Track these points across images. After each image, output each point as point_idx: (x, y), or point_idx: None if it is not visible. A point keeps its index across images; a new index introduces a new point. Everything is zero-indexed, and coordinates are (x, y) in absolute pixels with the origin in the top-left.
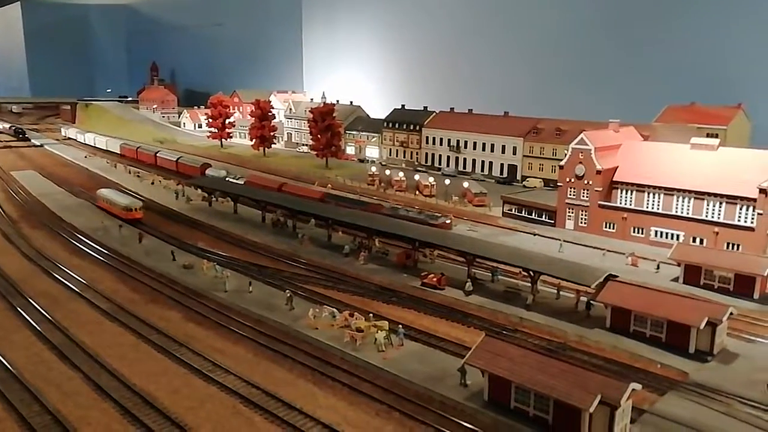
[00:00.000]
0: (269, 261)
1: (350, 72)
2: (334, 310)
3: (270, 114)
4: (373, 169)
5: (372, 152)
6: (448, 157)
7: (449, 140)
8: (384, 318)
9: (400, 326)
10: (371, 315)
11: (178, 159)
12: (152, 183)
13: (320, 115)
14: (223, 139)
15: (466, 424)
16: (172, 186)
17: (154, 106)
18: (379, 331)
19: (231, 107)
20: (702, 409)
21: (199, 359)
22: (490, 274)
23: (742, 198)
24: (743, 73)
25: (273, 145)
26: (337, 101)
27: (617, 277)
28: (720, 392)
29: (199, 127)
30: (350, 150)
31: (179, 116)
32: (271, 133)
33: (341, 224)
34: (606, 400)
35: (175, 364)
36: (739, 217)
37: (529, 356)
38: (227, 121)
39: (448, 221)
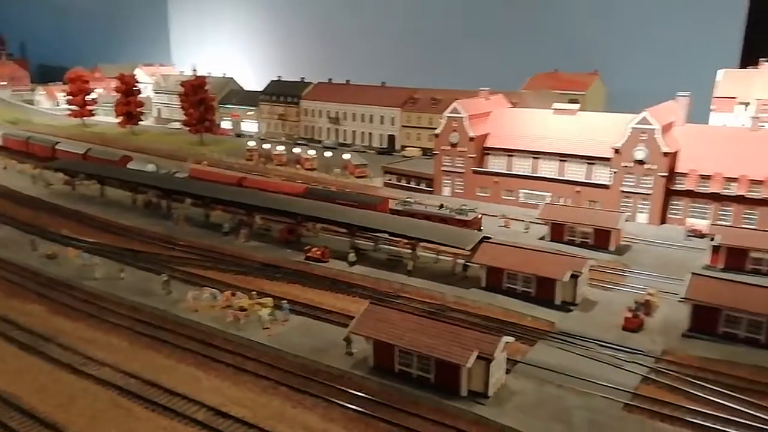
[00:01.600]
0: (143, 245)
1: (222, 43)
2: (216, 291)
3: (135, 89)
4: (251, 143)
5: (250, 126)
6: (328, 129)
7: (328, 112)
8: (268, 295)
9: (285, 302)
10: (254, 293)
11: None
12: (4, 168)
13: (192, 88)
14: (85, 118)
15: (352, 391)
16: (28, 170)
17: (3, 83)
18: (262, 309)
19: (91, 83)
20: (567, 354)
21: (68, 353)
22: (372, 244)
23: (599, 158)
24: (599, 42)
25: (141, 122)
26: (209, 74)
27: (491, 238)
28: (582, 337)
29: (57, 105)
30: (226, 125)
31: (33, 93)
32: (138, 110)
33: (222, 203)
34: (481, 355)
35: (41, 361)
36: (597, 176)
37: (409, 320)
38: (88, 97)
39: (479, 216)
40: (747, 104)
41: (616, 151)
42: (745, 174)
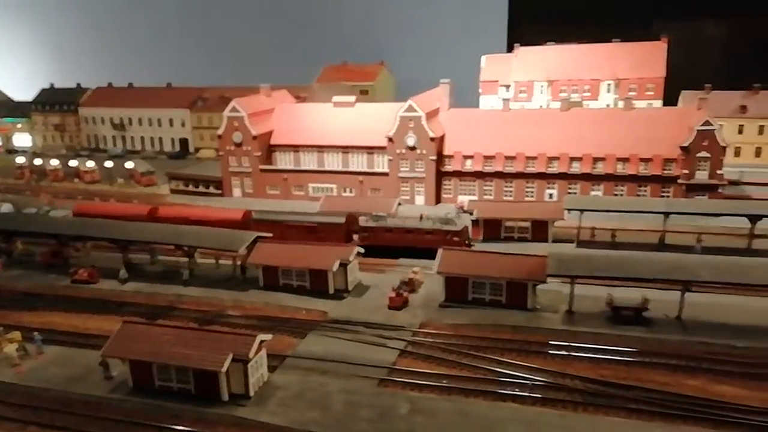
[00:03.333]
0: None
1: None
2: None
3: None
4: (21, 159)
5: (22, 140)
6: (114, 137)
7: (111, 118)
8: (26, 328)
9: (36, 333)
10: (1, 328)
11: None
12: None
13: None
14: None
15: (110, 416)
16: None
17: None
18: (9, 345)
19: None
20: (335, 341)
21: None
22: (149, 257)
23: (377, 147)
24: (385, 32)
25: None
26: None
27: (266, 238)
28: (351, 322)
29: None
30: None
31: None
32: None
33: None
34: (237, 357)
35: None
36: (379, 165)
37: (168, 333)
38: None
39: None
40: (508, 86)
41: (390, 139)
42: (501, 151)
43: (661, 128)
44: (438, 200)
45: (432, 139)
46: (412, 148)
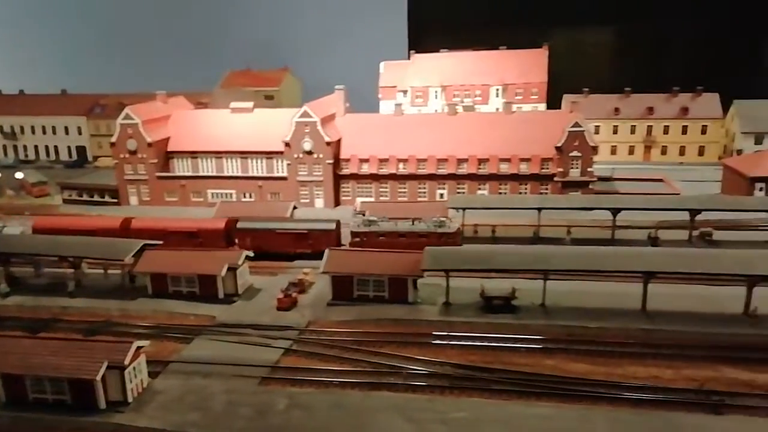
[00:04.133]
0: None
1: None
2: None
3: None
4: None
5: None
6: (5, 146)
7: (1, 126)
8: None
9: None
10: None
11: None
12: None
13: None
14: None
15: None
16: None
17: None
18: None
19: None
20: (222, 344)
21: None
22: (33, 270)
23: (276, 152)
24: (293, 39)
25: None
26: None
27: (154, 246)
28: (239, 325)
29: None
30: None
31: None
32: None
33: None
34: (113, 364)
35: None
36: (277, 169)
37: (41, 345)
38: None
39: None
40: (405, 91)
41: (287, 144)
42: (394, 154)
43: (539, 130)
44: (337, 203)
45: (328, 144)
46: (310, 153)
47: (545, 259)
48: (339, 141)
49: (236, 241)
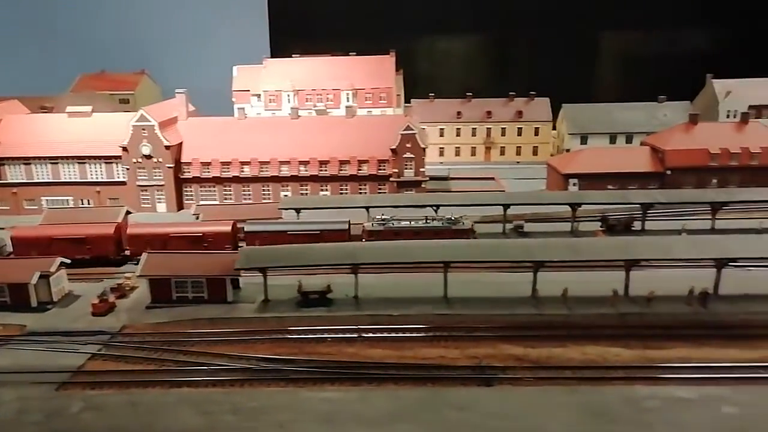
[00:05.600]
0: None
1: None
2: None
3: None
4: None
5: None
6: None
7: None
8: None
9: None
10: None
11: None
12: None
13: None
14: None
15: None
16: None
17: None
18: None
19: None
20: (27, 352)
21: None
22: None
23: (115, 157)
24: (148, 41)
25: None
26: None
27: None
28: (50, 333)
29: None
30: None
31: None
32: None
33: None
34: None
35: None
36: (117, 174)
37: None
38: None
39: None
40: (259, 95)
41: (124, 149)
42: (236, 157)
43: (378, 133)
44: (180, 207)
45: (167, 147)
46: (149, 157)
47: (354, 254)
48: (180, 145)
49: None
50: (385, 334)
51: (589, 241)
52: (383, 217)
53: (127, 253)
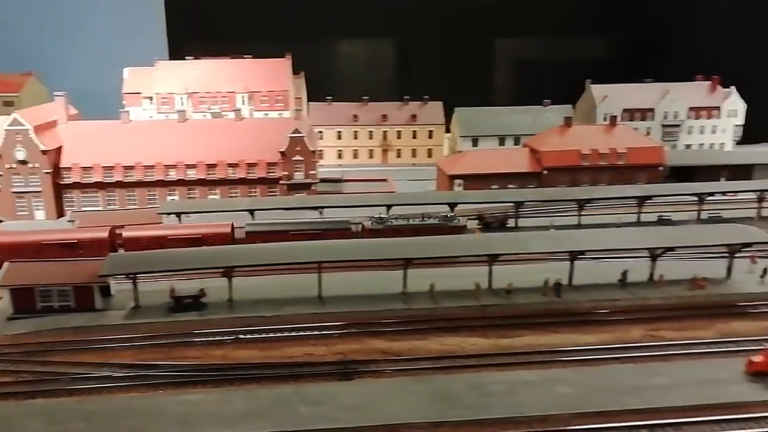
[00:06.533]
0: None
1: None
2: None
3: None
4: None
5: None
6: None
7: None
8: None
9: None
10: None
11: None
12: None
13: None
14: None
15: None
16: None
17: None
18: None
19: None
20: None
21: None
22: None
23: None
24: (36, 41)
25: None
26: None
27: None
28: None
29: None
30: None
31: None
32: None
33: None
34: None
35: None
36: None
37: None
38: None
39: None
40: (151, 98)
41: None
42: (120, 162)
43: (268, 136)
44: (61, 214)
45: (44, 152)
46: (24, 162)
47: (226, 257)
48: (59, 149)
49: None
50: (256, 336)
51: (458, 238)
52: (381, 216)
53: None
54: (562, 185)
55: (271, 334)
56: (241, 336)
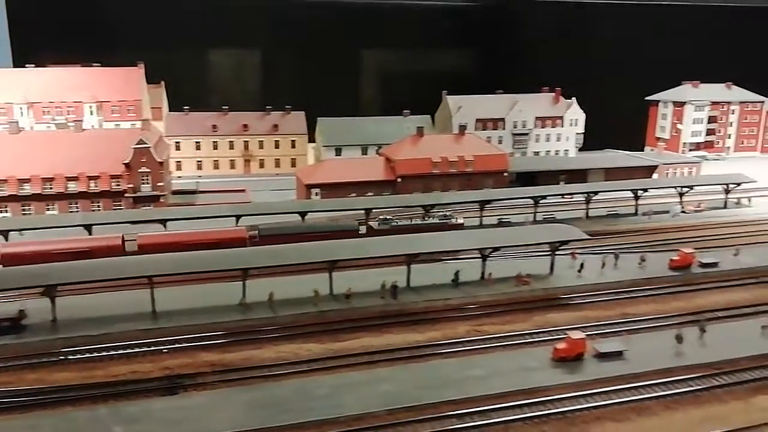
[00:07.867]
0: None
1: None
2: None
3: None
4: None
5: None
6: None
7: None
8: None
9: None
10: None
11: None
12: None
13: None
14: None
15: None
16: None
17: None
18: None
19: None
20: None
21: None
22: None
23: None
24: None
25: None
26: None
27: None
28: None
29: None
30: None
31: None
32: None
33: None
34: None
35: None
36: None
37: None
38: None
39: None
40: None
41: None
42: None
43: (111, 147)
44: None
45: None
46: None
47: (47, 275)
48: None
49: None
50: (78, 356)
51: (298, 246)
52: (386, 217)
53: None
54: (415, 192)
55: (95, 354)
56: (62, 357)
